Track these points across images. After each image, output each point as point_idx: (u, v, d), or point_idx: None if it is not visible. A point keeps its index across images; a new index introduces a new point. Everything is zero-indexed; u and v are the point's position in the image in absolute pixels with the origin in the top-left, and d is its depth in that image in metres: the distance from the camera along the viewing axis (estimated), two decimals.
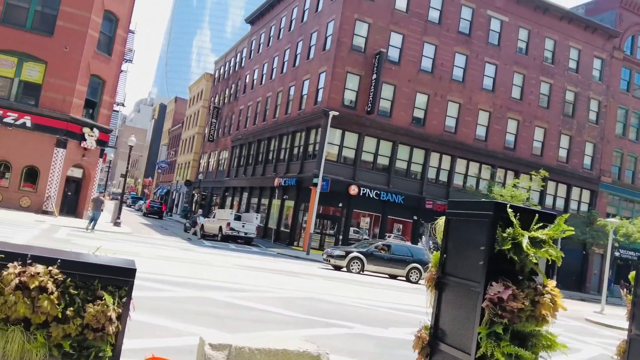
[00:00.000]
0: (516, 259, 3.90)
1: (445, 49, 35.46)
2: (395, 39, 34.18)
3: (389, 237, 27.54)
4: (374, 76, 32.55)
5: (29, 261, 4.08)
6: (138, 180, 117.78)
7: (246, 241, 30.78)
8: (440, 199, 33.86)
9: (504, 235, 3.93)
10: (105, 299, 4.20)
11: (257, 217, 32.98)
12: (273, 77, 42.67)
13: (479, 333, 3.86)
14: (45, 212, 26.61)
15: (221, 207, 46.65)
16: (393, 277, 23.31)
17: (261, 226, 36.43)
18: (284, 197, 36.10)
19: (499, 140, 36.92)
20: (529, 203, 31.66)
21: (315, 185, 29.61)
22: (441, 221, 4.68)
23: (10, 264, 4.03)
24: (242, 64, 52.79)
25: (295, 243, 33.22)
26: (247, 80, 49.79)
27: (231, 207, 45.14)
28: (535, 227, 3.99)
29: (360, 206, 32.95)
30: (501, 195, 30.13)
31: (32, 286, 4.00)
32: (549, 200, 38.55)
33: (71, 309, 4.10)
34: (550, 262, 4.13)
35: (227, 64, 59.61)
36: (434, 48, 35.20)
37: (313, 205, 29.26)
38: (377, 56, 32.61)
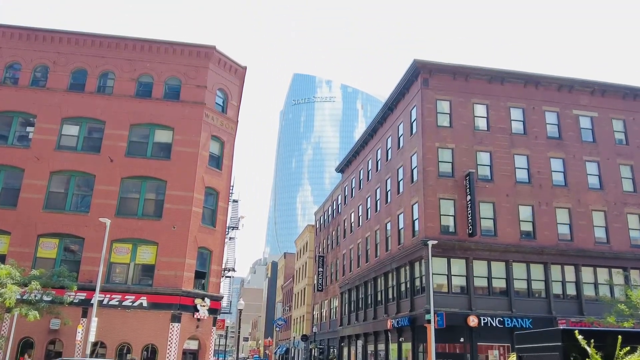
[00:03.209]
0: None
1: (538, 157, 34.21)
2: (483, 158, 33.68)
3: None
4: (468, 197, 31.69)
5: None
6: (259, 342, 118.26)
7: None
8: (573, 316, 30.25)
9: None
10: None
11: None
12: (369, 217, 43.04)
13: None
14: None
15: (338, 359, 44.83)
16: None
17: None
18: (400, 339, 34.03)
19: (624, 238, 33.29)
20: None
21: (429, 322, 27.77)
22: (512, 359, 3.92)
23: None
24: (339, 210, 54.16)
25: None
26: (345, 225, 50.59)
27: (348, 357, 43.21)
28: (622, 352, 3.18)
29: (484, 338, 30.06)
30: None
31: None
32: None
33: None
34: None
35: (326, 212, 61.52)
36: (525, 158, 34.11)
37: (430, 344, 27.17)
38: (467, 177, 32.05)
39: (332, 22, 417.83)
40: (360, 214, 45.77)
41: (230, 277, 43.19)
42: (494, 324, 29.72)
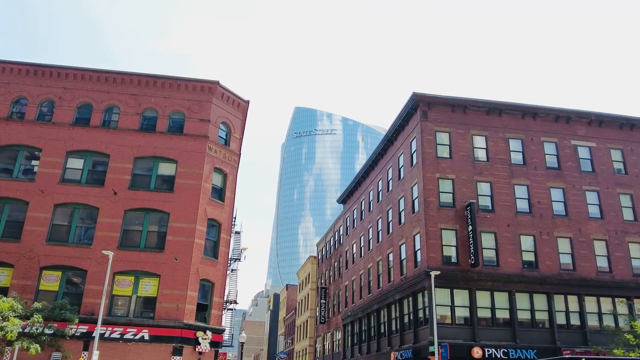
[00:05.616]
0: None
1: (538, 187, 34.46)
2: (483, 188, 33.90)
3: None
4: (470, 227, 31.80)
5: None
6: None
7: None
8: (578, 346, 29.97)
9: None
10: None
11: None
12: (370, 247, 43.05)
13: None
14: None
15: None
16: None
17: None
18: None
19: (626, 268, 33.26)
20: None
21: (433, 354, 27.53)
22: None
23: None
24: (341, 241, 54.15)
25: None
26: (347, 256, 50.52)
27: None
28: None
29: None
30: None
31: None
32: None
33: None
34: None
35: (328, 244, 61.46)
36: (525, 188, 34.36)
37: None
38: (468, 208, 32.23)
39: (333, 57, 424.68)
40: (362, 244, 45.79)
41: (232, 309, 42.89)
42: (499, 355, 29.45)
